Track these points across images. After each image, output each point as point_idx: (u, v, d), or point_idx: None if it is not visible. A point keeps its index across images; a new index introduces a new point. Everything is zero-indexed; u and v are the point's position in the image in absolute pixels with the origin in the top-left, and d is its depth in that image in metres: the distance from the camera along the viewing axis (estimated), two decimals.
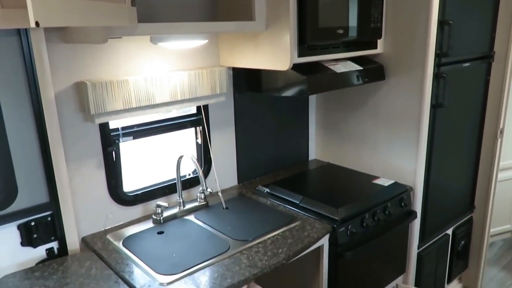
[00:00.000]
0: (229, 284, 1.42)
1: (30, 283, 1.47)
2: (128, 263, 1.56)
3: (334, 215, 1.84)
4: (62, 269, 1.56)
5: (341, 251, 1.81)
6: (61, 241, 1.68)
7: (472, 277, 2.84)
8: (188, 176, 2.08)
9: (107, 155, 1.77)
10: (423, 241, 2.32)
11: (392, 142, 2.25)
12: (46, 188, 1.62)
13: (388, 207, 2.01)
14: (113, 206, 1.83)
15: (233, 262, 1.55)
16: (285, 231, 1.77)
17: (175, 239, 1.71)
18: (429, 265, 2.42)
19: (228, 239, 1.70)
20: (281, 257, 1.58)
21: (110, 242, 1.71)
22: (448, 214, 2.48)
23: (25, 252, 1.61)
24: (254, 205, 2.02)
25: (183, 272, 1.48)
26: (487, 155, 2.60)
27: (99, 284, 1.45)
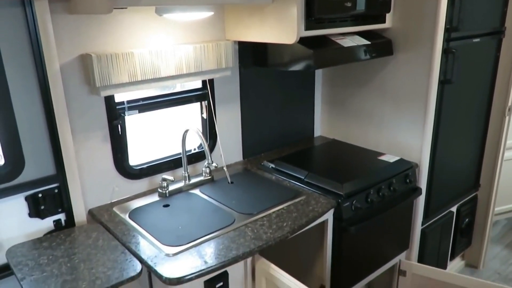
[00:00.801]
0: (234, 255, 1.44)
1: (39, 252, 1.49)
2: (134, 235, 1.58)
3: (339, 190, 1.84)
4: (70, 239, 1.58)
5: (345, 225, 1.82)
6: (68, 213, 1.70)
7: (475, 255, 2.86)
8: (193, 151, 2.08)
9: (113, 129, 1.77)
10: (427, 217, 2.32)
11: (398, 119, 2.23)
12: (53, 161, 1.63)
13: (393, 183, 2.01)
14: (119, 179, 1.84)
15: (238, 235, 1.57)
16: (290, 205, 1.78)
17: (181, 212, 1.73)
18: (433, 242, 2.44)
19: (233, 213, 1.71)
20: (286, 230, 1.60)
21: (116, 215, 1.73)
22: (453, 192, 2.48)
23: (33, 223, 1.64)
24: (259, 180, 2.03)
25: (189, 243, 1.50)
26: (494, 133, 2.57)
27: (106, 254, 1.47)
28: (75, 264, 1.42)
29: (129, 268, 1.38)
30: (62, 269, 1.39)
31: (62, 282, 1.32)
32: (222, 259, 1.42)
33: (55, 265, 1.41)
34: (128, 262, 1.42)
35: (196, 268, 1.37)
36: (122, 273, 1.36)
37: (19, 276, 1.36)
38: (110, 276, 1.35)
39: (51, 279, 1.33)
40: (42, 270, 1.39)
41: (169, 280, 1.33)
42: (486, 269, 2.84)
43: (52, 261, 1.44)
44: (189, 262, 1.40)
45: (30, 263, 1.43)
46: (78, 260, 1.44)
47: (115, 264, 1.41)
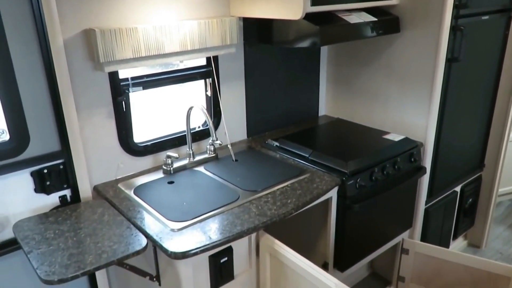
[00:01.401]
0: (238, 231, 1.45)
1: (45, 227, 1.51)
2: (139, 210, 1.59)
3: (343, 168, 1.84)
4: (76, 214, 1.59)
5: (349, 203, 1.83)
6: (74, 189, 1.71)
7: (477, 235, 2.87)
8: (197, 129, 2.08)
9: (117, 105, 1.76)
10: (431, 197, 2.32)
11: (404, 98, 2.21)
12: (58, 137, 1.63)
13: (398, 162, 2.00)
14: (123, 156, 1.85)
15: (242, 211, 1.57)
16: (294, 182, 1.78)
17: (185, 189, 1.74)
18: (436, 221, 2.45)
19: (237, 189, 1.72)
20: (290, 207, 1.60)
21: (121, 191, 1.74)
22: (458, 172, 2.47)
23: (39, 198, 1.65)
24: (264, 158, 2.03)
25: (194, 219, 1.51)
26: (500, 113, 2.55)
27: (112, 229, 1.48)
28: (81, 238, 1.43)
29: (135, 243, 1.40)
30: (69, 243, 1.40)
31: (69, 255, 1.33)
32: (226, 234, 1.43)
33: (61, 239, 1.43)
34: (133, 237, 1.43)
35: (201, 243, 1.38)
36: (127, 247, 1.37)
37: (26, 250, 1.37)
38: (116, 250, 1.36)
39: (58, 253, 1.35)
40: (48, 244, 1.40)
41: (174, 254, 1.34)
42: (488, 249, 2.86)
43: (59, 235, 1.45)
44: (194, 237, 1.41)
45: (37, 237, 1.44)
46: (84, 234, 1.45)
47: (120, 239, 1.42)
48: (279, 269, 1.53)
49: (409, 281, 2.39)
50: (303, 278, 1.43)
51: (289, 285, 1.51)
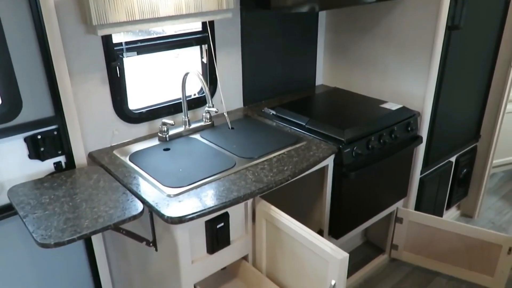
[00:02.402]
0: (235, 196, 1.45)
1: (40, 192, 1.50)
2: (135, 176, 1.58)
3: (340, 136, 1.83)
4: (71, 180, 1.58)
5: (345, 171, 1.83)
6: (68, 155, 1.69)
7: (470, 205, 2.90)
8: (193, 96, 2.05)
9: (111, 71, 1.73)
10: (427, 166, 2.33)
11: (402, 67, 2.19)
12: (51, 102, 1.60)
13: (395, 131, 1.99)
14: (118, 123, 1.82)
15: (239, 178, 1.57)
16: (291, 150, 1.77)
17: (181, 156, 1.73)
18: (430, 191, 2.46)
19: (234, 157, 1.71)
20: (287, 173, 1.60)
21: (116, 157, 1.72)
22: (453, 142, 2.47)
23: (33, 164, 1.63)
24: (260, 126, 2.01)
25: (190, 185, 1.51)
26: (498, 84, 2.54)
27: (108, 194, 1.48)
28: (77, 203, 1.43)
29: (131, 208, 1.39)
30: (64, 208, 1.40)
31: (65, 220, 1.33)
32: (223, 200, 1.43)
33: (57, 204, 1.42)
34: (129, 202, 1.42)
35: (197, 208, 1.38)
36: (124, 212, 1.37)
37: (22, 214, 1.37)
38: (112, 215, 1.36)
39: (54, 217, 1.35)
40: (44, 208, 1.40)
41: (170, 219, 1.34)
42: (480, 218, 2.90)
43: (54, 200, 1.45)
44: (190, 203, 1.41)
45: (32, 202, 1.44)
46: (80, 199, 1.45)
47: (116, 204, 1.42)
48: (275, 235, 1.55)
49: (402, 249, 2.43)
50: (299, 243, 1.44)
51: (285, 250, 1.53)
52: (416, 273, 2.41)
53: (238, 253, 1.62)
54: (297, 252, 1.47)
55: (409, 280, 2.36)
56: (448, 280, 2.36)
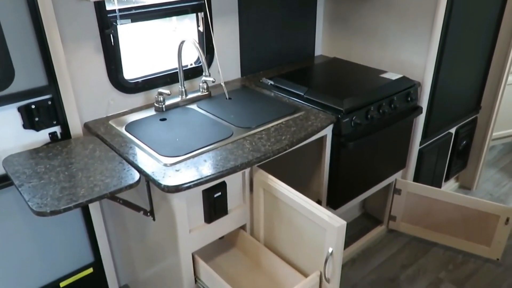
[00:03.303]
0: (232, 165, 1.44)
1: (35, 162, 1.49)
2: (131, 146, 1.56)
3: (339, 105, 1.80)
4: (66, 150, 1.57)
5: (344, 141, 1.81)
6: (64, 125, 1.67)
7: (469, 177, 2.90)
8: (190, 66, 2.01)
9: (105, 39, 1.69)
10: (426, 137, 2.32)
11: (403, 36, 2.14)
12: (44, 71, 1.57)
13: (394, 101, 1.97)
14: (114, 93, 1.79)
15: (236, 147, 1.55)
16: (289, 120, 1.75)
17: (178, 126, 1.70)
18: (429, 162, 2.46)
19: (231, 126, 1.69)
20: (284, 143, 1.58)
21: (112, 128, 1.70)
22: (453, 113, 2.45)
23: (28, 135, 1.61)
24: (258, 96, 1.98)
25: (187, 154, 1.49)
26: (500, 55, 2.49)
27: (104, 164, 1.46)
28: (72, 172, 1.41)
29: (127, 177, 1.38)
30: (60, 177, 1.38)
31: (61, 189, 1.32)
32: (220, 169, 1.42)
33: (53, 173, 1.41)
34: (126, 172, 1.41)
35: (194, 177, 1.37)
36: (120, 181, 1.36)
37: (17, 183, 1.36)
38: (108, 183, 1.35)
39: (49, 186, 1.34)
40: (39, 177, 1.38)
41: (167, 188, 1.33)
42: (478, 190, 2.90)
43: (49, 169, 1.43)
44: (187, 172, 1.40)
45: (28, 171, 1.42)
46: (76, 169, 1.44)
47: (113, 173, 1.40)
48: (272, 204, 1.54)
49: (400, 220, 2.44)
50: (297, 212, 1.44)
51: (282, 219, 1.52)
52: (414, 244, 2.42)
53: (236, 223, 1.62)
54: (294, 221, 1.47)
55: (406, 251, 2.38)
56: (445, 250, 2.38)
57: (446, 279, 2.19)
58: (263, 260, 1.62)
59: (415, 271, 2.24)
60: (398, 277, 2.20)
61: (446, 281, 2.17)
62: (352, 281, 2.18)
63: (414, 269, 2.25)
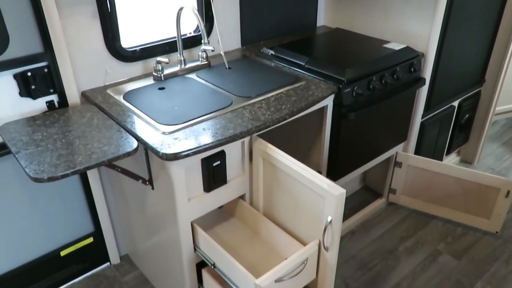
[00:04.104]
0: (231, 134, 1.42)
1: (32, 129, 1.47)
2: (129, 115, 1.54)
3: (340, 75, 1.77)
4: (64, 118, 1.55)
5: (345, 111, 1.79)
6: (61, 94, 1.65)
7: (471, 151, 2.88)
8: (189, 35, 1.97)
9: (101, 4, 1.64)
10: (428, 110, 2.29)
11: (407, 5, 2.08)
12: (39, 37, 1.53)
13: (397, 72, 1.93)
14: (111, 61, 1.76)
15: (235, 116, 1.53)
16: (289, 90, 1.73)
17: (177, 95, 1.68)
18: (431, 136, 2.43)
19: (230, 96, 1.66)
20: (284, 112, 1.56)
21: (110, 96, 1.68)
22: (457, 85, 2.41)
23: (25, 103, 1.59)
24: (258, 66, 1.95)
25: (185, 123, 1.47)
26: (506, 27, 2.43)
27: (102, 132, 1.45)
28: (70, 140, 1.40)
29: (125, 145, 1.37)
30: (57, 145, 1.37)
31: (58, 156, 1.31)
32: (219, 137, 1.40)
33: (50, 140, 1.40)
34: (124, 139, 1.40)
35: (192, 145, 1.35)
36: (118, 149, 1.34)
37: (14, 150, 1.34)
38: (106, 151, 1.33)
39: (46, 153, 1.32)
40: (36, 145, 1.37)
41: (165, 155, 1.32)
42: (480, 164, 2.89)
43: (47, 137, 1.42)
44: (185, 140, 1.38)
45: (24, 138, 1.41)
46: (73, 137, 1.42)
47: (110, 141, 1.39)
48: (272, 173, 1.53)
49: (400, 193, 2.44)
50: (296, 180, 1.43)
51: (281, 188, 1.52)
52: (413, 216, 2.43)
53: (235, 192, 1.62)
54: (294, 190, 1.46)
55: (405, 223, 2.38)
56: (444, 223, 2.38)
57: (444, 251, 2.20)
58: (262, 230, 1.62)
59: (414, 243, 2.25)
60: (397, 248, 2.21)
61: (444, 253, 2.19)
62: (351, 253, 2.19)
63: (413, 241, 2.26)
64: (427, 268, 2.10)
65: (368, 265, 2.12)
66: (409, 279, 2.04)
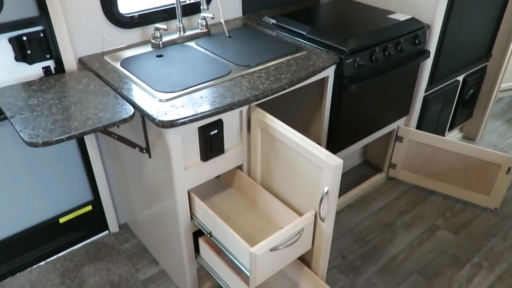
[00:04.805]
0: (228, 102, 1.40)
1: (28, 94, 1.45)
2: (126, 82, 1.52)
3: (342, 45, 1.73)
4: (60, 84, 1.53)
5: (346, 83, 1.75)
6: (57, 60, 1.63)
7: (473, 128, 2.85)
8: (188, 1, 1.92)
9: None
10: (432, 84, 2.25)
11: None
12: (34, 0, 1.50)
13: (401, 43, 1.89)
14: (109, 27, 1.73)
15: (234, 85, 1.51)
16: (290, 59, 1.69)
17: (175, 62, 1.65)
18: (434, 110, 2.40)
19: (229, 64, 1.63)
20: (284, 82, 1.53)
21: (107, 63, 1.65)
22: (462, 59, 2.36)
23: (20, 68, 1.57)
24: (259, 35, 1.91)
25: (183, 90, 1.45)
26: None
27: (98, 98, 1.43)
28: (65, 106, 1.38)
29: (122, 111, 1.35)
30: (53, 110, 1.36)
31: (53, 121, 1.29)
32: (216, 105, 1.38)
33: (45, 106, 1.38)
34: (120, 106, 1.38)
35: (189, 113, 1.33)
36: (114, 115, 1.33)
37: (9, 114, 1.33)
38: (102, 117, 1.32)
39: (42, 118, 1.31)
40: (32, 110, 1.36)
41: (162, 122, 1.30)
42: (482, 141, 2.86)
43: (42, 102, 1.40)
44: (182, 107, 1.36)
45: (20, 103, 1.39)
46: (69, 102, 1.40)
47: (107, 107, 1.37)
48: (270, 143, 1.51)
49: (400, 168, 2.43)
50: (294, 151, 1.41)
51: (279, 159, 1.50)
52: (412, 192, 2.42)
53: (233, 162, 1.61)
54: (291, 161, 1.45)
55: (404, 198, 2.38)
56: (443, 198, 2.38)
57: (442, 226, 2.20)
58: (259, 200, 1.62)
59: (412, 217, 2.25)
60: (395, 223, 2.22)
61: (442, 228, 2.19)
62: (348, 226, 2.20)
63: (411, 216, 2.26)
64: (424, 242, 2.10)
65: (365, 238, 2.13)
66: (406, 252, 2.05)
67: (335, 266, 1.98)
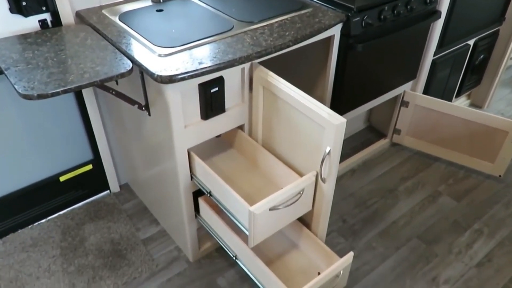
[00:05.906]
0: (230, 59, 1.35)
1: (23, 47, 1.41)
2: (125, 36, 1.47)
3: (350, 3, 1.66)
4: (56, 37, 1.48)
5: (352, 42, 1.69)
6: (54, 13, 1.57)
7: (481, 95, 2.79)
8: None
9: None
10: (441, 47, 2.17)
11: None
12: None
13: (411, 2, 1.81)
14: None
15: (236, 41, 1.45)
16: (295, 16, 1.63)
17: (175, 17, 1.59)
18: (442, 75, 2.34)
19: (232, 20, 1.57)
20: (288, 39, 1.47)
21: (106, 17, 1.59)
22: (474, 22, 2.27)
23: (16, 20, 1.52)
24: None
25: (183, 46, 1.40)
26: None
27: (95, 52, 1.38)
28: (62, 59, 1.34)
29: (119, 66, 1.31)
30: (48, 63, 1.31)
31: (49, 74, 1.26)
32: (217, 62, 1.33)
33: (41, 59, 1.34)
34: (118, 60, 1.34)
35: (189, 68, 1.29)
36: (111, 69, 1.29)
37: (3, 67, 1.29)
38: (99, 71, 1.28)
39: (37, 71, 1.27)
40: (27, 62, 1.32)
41: (160, 78, 1.26)
42: (490, 109, 2.81)
43: (38, 55, 1.36)
44: (182, 63, 1.31)
45: (14, 56, 1.35)
46: (65, 56, 1.36)
47: (104, 61, 1.33)
48: (272, 102, 1.48)
49: (405, 134, 2.39)
50: (296, 110, 1.37)
51: (281, 118, 1.47)
52: (416, 158, 2.40)
53: (234, 122, 1.57)
54: (293, 120, 1.41)
55: (408, 164, 2.36)
56: (447, 165, 2.35)
57: (444, 193, 2.18)
58: (260, 160, 1.60)
59: (414, 183, 2.24)
60: (397, 188, 2.20)
61: (444, 194, 2.17)
62: (350, 190, 2.19)
63: (414, 182, 2.24)
64: (425, 208, 2.09)
65: (367, 203, 2.12)
66: (407, 217, 2.04)
67: (335, 230, 1.98)
